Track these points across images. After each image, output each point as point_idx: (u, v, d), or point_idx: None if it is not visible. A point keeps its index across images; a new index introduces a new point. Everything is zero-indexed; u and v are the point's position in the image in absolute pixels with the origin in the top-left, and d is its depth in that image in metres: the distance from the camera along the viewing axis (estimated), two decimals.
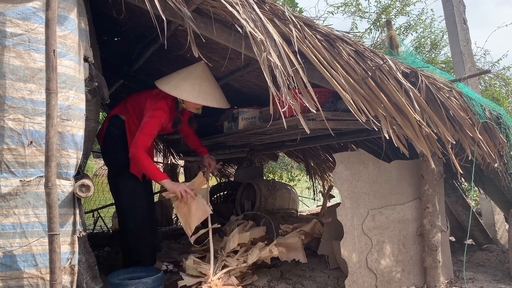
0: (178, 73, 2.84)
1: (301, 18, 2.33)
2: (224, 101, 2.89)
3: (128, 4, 2.15)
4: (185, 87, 2.72)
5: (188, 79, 2.76)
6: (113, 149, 3.03)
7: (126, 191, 3.00)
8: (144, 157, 2.66)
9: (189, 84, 2.74)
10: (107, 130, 3.06)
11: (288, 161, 9.47)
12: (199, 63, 2.81)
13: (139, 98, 3.02)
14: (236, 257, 2.81)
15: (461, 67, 4.19)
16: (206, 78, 2.81)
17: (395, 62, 2.60)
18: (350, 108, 2.31)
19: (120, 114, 3.05)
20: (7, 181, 1.81)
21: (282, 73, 2.02)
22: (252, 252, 2.80)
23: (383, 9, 7.76)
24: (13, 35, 1.79)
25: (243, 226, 3.30)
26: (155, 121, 2.75)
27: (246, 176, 5.18)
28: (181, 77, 2.79)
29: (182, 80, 2.76)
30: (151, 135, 2.74)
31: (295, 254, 2.93)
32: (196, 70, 2.81)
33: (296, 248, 2.95)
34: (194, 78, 2.76)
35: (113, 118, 3.06)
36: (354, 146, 4.26)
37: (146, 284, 2.42)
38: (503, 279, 3.02)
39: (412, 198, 2.93)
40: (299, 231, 3.13)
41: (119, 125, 3.01)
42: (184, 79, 2.77)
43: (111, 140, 3.05)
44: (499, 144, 2.97)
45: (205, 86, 2.77)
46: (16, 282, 1.82)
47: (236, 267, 2.67)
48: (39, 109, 1.84)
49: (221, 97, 2.88)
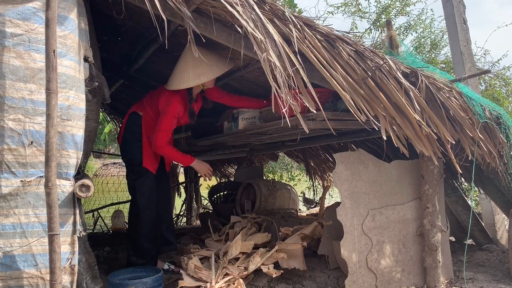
0: (176, 68, 2.87)
1: (301, 18, 2.33)
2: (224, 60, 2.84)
3: (128, 4, 2.15)
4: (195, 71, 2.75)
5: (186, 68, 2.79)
6: (135, 145, 3.09)
7: (143, 191, 3.05)
8: (167, 149, 2.96)
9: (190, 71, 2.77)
10: (126, 126, 3.13)
11: (288, 161, 9.46)
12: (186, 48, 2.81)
13: (154, 93, 3.11)
14: (237, 264, 2.78)
15: (461, 67, 4.19)
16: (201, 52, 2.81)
17: (395, 62, 2.60)
18: (349, 108, 2.31)
19: (138, 111, 3.12)
20: (8, 181, 1.81)
21: (282, 73, 2.02)
22: (254, 259, 2.77)
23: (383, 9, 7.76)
24: (13, 35, 1.79)
25: (246, 230, 3.28)
26: (169, 117, 2.92)
27: (246, 176, 5.17)
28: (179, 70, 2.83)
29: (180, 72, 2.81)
30: (167, 130, 2.93)
31: (295, 262, 2.90)
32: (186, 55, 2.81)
33: (297, 256, 2.93)
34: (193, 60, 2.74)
35: (131, 115, 3.13)
36: (354, 146, 4.26)
37: (146, 284, 2.42)
38: (503, 279, 3.02)
39: (412, 198, 2.93)
40: (300, 234, 3.12)
41: (138, 121, 3.09)
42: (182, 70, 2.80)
43: (131, 137, 3.11)
44: (499, 144, 2.96)
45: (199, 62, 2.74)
46: (16, 282, 1.82)
47: (237, 275, 2.64)
48: (39, 109, 1.85)
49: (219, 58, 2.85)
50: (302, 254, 2.93)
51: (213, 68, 2.77)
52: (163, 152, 2.98)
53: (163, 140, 2.90)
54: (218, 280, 2.56)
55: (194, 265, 2.66)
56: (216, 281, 2.54)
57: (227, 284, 2.56)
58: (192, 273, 2.64)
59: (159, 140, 2.89)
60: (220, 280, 2.56)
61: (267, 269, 2.71)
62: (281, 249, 2.91)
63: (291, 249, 2.93)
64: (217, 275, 2.61)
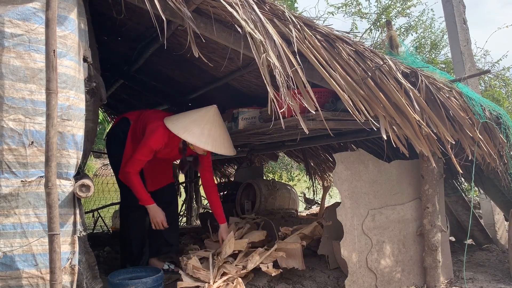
0: (189, 115, 2.81)
1: (301, 18, 2.33)
2: (231, 148, 2.86)
3: (128, 4, 2.15)
4: (194, 130, 2.68)
5: (199, 122, 2.72)
6: (114, 148, 3.07)
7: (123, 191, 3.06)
8: (135, 180, 2.78)
9: (199, 128, 2.70)
10: (112, 130, 3.10)
11: (288, 161, 9.47)
12: (211, 107, 2.79)
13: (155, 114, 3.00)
14: (236, 263, 2.78)
15: (461, 67, 4.18)
16: (217, 124, 2.77)
17: (395, 62, 2.60)
18: (348, 108, 2.31)
19: (130, 118, 3.07)
20: (8, 182, 1.81)
21: (281, 74, 2.02)
22: (252, 257, 2.77)
23: (383, 10, 7.77)
24: (13, 35, 1.80)
25: (243, 230, 3.27)
26: (147, 148, 2.76)
27: (246, 176, 5.17)
28: (192, 120, 2.75)
29: (192, 123, 2.72)
30: (141, 160, 2.78)
31: (294, 262, 2.90)
32: (208, 114, 2.77)
33: (296, 255, 2.92)
34: (204, 122, 2.72)
35: (121, 120, 3.10)
36: (354, 146, 4.26)
37: (146, 284, 2.42)
38: (503, 279, 3.02)
39: (412, 198, 2.93)
40: (299, 234, 3.11)
41: (124, 127, 3.03)
42: (194, 122, 2.72)
43: (113, 139, 3.09)
44: (499, 144, 2.96)
45: (214, 132, 2.73)
46: (16, 282, 1.82)
47: (235, 274, 2.63)
48: (40, 109, 1.85)
49: (230, 144, 2.85)
50: (301, 253, 2.93)
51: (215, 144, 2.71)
52: (128, 177, 2.79)
53: (133, 168, 2.77)
54: (216, 280, 2.56)
55: (192, 265, 2.66)
56: (214, 280, 2.54)
57: (226, 283, 2.56)
58: (191, 273, 2.64)
59: (130, 167, 2.77)
60: (218, 280, 2.56)
61: (266, 268, 2.71)
62: (280, 248, 2.91)
63: (290, 248, 2.93)
64: (215, 275, 2.61)
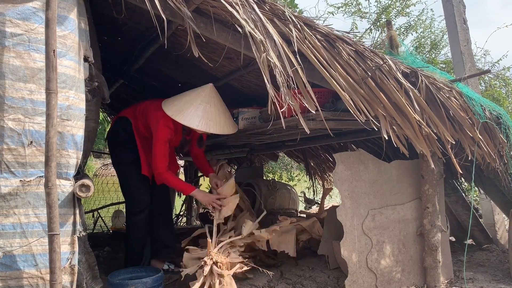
0: (185, 95, 2.78)
1: (301, 18, 2.33)
2: (228, 126, 2.81)
3: (128, 4, 2.15)
4: (188, 111, 2.65)
5: (193, 102, 2.68)
6: (117, 148, 3.06)
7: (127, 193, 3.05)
8: (169, 177, 2.83)
9: (193, 108, 2.66)
10: (112, 129, 3.09)
11: (288, 161, 9.47)
12: (207, 86, 2.75)
13: (149, 107, 2.96)
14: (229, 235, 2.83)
15: (461, 67, 4.19)
16: (213, 102, 2.72)
17: (395, 62, 2.60)
18: (349, 108, 2.31)
19: (128, 116, 3.05)
20: (7, 181, 1.81)
21: (282, 73, 2.01)
22: (246, 225, 2.84)
23: (383, 9, 7.77)
24: (13, 35, 1.79)
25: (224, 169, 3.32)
26: (161, 143, 2.77)
27: (246, 176, 5.17)
28: (186, 100, 2.72)
29: (187, 103, 2.69)
30: (163, 156, 2.78)
31: (286, 246, 2.96)
32: (203, 93, 2.73)
33: (288, 241, 2.98)
34: (199, 102, 2.68)
35: (120, 119, 3.08)
36: (354, 146, 4.26)
37: (146, 284, 2.42)
38: (503, 279, 3.02)
39: (412, 198, 2.93)
40: (296, 225, 3.14)
41: (125, 126, 3.02)
42: (189, 102, 2.69)
43: (115, 140, 3.08)
44: (499, 144, 2.96)
45: (209, 111, 2.69)
46: (16, 282, 1.82)
47: (229, 239, 2.70)
48: (39, 109, 1.85)
49: (227, 122, 2.80)
50: (294, 241, 2.99)
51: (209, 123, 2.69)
52: (163, 178, 2.83)
53: (161, 166, 2.78)
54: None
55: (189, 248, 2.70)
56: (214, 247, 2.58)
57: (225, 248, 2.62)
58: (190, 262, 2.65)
59: (158, 167, 2.77)
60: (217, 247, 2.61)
61: (259, 232, 2.82)
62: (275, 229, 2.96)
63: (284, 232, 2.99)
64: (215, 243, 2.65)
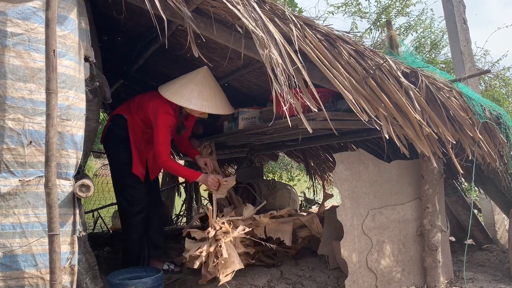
0: (180, 79, 2.84)
1: (301, 18, 2.33)
2: (224, 107, 2.86)
3: (128, 4, 2.15)
4: (184, 93, 2.73)
5: (188, 85, 2.76)
6: (115, 148, 3.05)
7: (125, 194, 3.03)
8: (173, 164, 2.87)
9: (189, 90, 2.74)
10: (109, 128, 3.07)
11: (288, 161, 9.46)
12: (202, 68, 2.80)
13: (143, 99, 3.00)
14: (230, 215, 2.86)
15: (461, 67, 4.18)
16: (207, 84, 2.79)
17: (395, 62, 2.60)
18: (352, 107, 2.30)
19: (122, 113, 3.05)
20: (6, 181, 1.81)
21: (283, 72, 2.01)
22: (247, 209, 2.91)
23: (383, 9, 7.77)
24: (13, 34, 1.79)
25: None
26: (163, 129, 2.79)
27: (246, 176, 5.17)
28: (181, 83, 2.79)
29: (182, 86, 2.77)
30: (165, 143, 2.79)
31: (282, 235, 3.00)
32: (198, 75, 2.79)
33: (285, 232, 3.02)
34: (194, 84, 2.75)
35: (115, 117, 3.07)
36: (354, 146, 4.26)
37: (146, 284, 2.42)
38: (503, 279, 3.02)
39: (412, 198, 2.93)
40: (295, 219, 3.18)
41: (121, 124, 3.02)
42: (184, 85, 2.77)
43: (112, 139, 3.06)
44: (499, 144, 2.96)
45: (205, 92, 2.76)
46: (16, 282, 1.81)
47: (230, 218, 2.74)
48: (39, 109, 1.84)
49: (222, 103, 2.85)
50: (291, 232, 3.04)
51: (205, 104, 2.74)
52: (168, 165, 2.84)
53: (165, 153, 2.78)
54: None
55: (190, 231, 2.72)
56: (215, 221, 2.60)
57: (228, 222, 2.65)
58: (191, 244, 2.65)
59: (162, 154, 2.77)
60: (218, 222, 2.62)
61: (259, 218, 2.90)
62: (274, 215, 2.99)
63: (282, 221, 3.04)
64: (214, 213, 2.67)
